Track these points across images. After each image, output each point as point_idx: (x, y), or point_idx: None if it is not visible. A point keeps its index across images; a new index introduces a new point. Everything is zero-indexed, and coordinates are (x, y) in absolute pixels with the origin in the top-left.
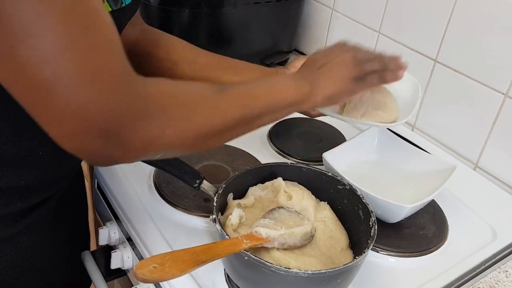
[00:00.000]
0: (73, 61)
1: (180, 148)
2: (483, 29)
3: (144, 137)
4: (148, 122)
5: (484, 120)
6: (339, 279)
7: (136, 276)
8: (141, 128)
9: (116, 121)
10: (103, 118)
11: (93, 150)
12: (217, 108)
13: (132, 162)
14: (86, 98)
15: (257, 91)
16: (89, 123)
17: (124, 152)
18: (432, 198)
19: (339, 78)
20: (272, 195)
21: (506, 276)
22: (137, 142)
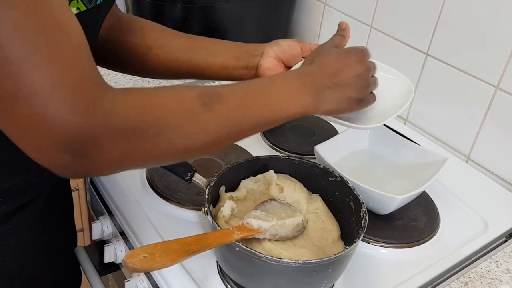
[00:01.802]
0: (36, 70)
1: (156, 163)
2: (473, 22)
3: (112, 153)
4: (116, 138)
5: (475, 113)
6: (330, 269)
7: (127, 265)
8: (108, 143)
9: (80, 137)
10: (67, 133)
11: (60, 164)
12: (199, 124)
13: (104, 175)
14: (50, 110)
15: (253, 102)
16: (53, 138)
17: (92, 168)
18: (423, 190)
19: (346, 98)
20: (264, 188)
21: (497, 266)
22: (105, 157)
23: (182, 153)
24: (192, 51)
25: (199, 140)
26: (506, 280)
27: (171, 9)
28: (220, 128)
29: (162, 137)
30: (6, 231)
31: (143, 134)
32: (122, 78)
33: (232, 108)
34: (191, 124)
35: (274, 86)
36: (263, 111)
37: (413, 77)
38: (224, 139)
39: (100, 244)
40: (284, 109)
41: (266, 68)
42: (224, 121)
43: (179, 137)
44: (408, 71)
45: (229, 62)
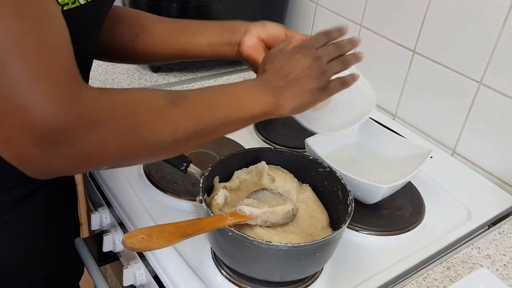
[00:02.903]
0: (20, 57)
1: (128, 159)
2: (458, 20)
3: (84, 147)
4: (89, 131)
5: (460, 108)
6: (318, 252)
7: (125, 244)
8: (80, 137)
9: (53, 126)
10: (42, 123)
11: (28, 158)
12: (168, 119)
13: (73, 174)
14: (29, 98)
15: (217, 100)
16: (27, 127)
17: (62, 162)
18: (409, 180)
19: (305, 90)
20: (257, 178)
21: (478, 252)
22: (76, 151)
23: (154, 149)
24: (178, 33)
25: (169, 135)
26: (486, 265)
27: (167, 8)
28: (188, 123)
29: (133, 132)
30: (17, 216)
31: (115, 128)
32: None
33: (197, 106)
34: (160, 119)
35: (236, 88)
36: (227, 109)
37: (401, 74)
38: (193, 135)
39: (99, 235)
40: (247, 107)
41: (248, 45)
42: (191, 117)
43: (149, 132)
44: (396, 68)
45: (214, 40)
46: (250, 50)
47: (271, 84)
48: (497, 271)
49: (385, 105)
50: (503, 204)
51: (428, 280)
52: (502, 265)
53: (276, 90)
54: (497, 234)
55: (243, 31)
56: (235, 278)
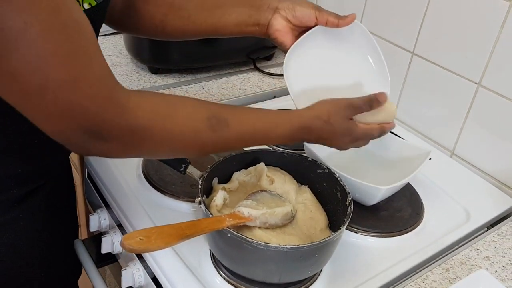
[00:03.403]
0: (59, 67)
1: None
2: (457, 22)
3: (120, 144)
4: (124, 134)
5: (459, 109)
6: (317, 254)
7: (124, 246)
8: (117, 136)
9: (97, 124)
10: (87, 120)
11: (82, 144)
12: (201, 144)
13: (122, 157)
14: (73, 101)
15: (253, 137)
16: (76, 123)
17: (105, 149)
18: (407, 182)
19: (337, 146)
20: (255, 180)
21: (477, 253)
22: (114, 145)
23: (176, 156)
24: (206, 12)
25: (194, 153)
26: (485, 267)
27: None
28: (216, 150)
29: (165, 144)
30: (18, 215)
31: (149, 137)
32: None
33: (233, 138)
34: (193, 141)
35: (277, 132)
36: (253, 145)
37: (400, 76)
38: (213, 153)
39: (98, 236)
40: (276, 140)
41: (276, 29)
42: (221, 146)
43: (179, 148)
44: (395, 70)
45: (242, 20)
46: (278, 33)
47: (307, 140)
48: (496, 272)
49: None
50: (502, 206)
51: (427, 281)
52: (501, 267)
53: (312, 137)
54: (496, 236)
55: (272, 11)
56: (234, 279)
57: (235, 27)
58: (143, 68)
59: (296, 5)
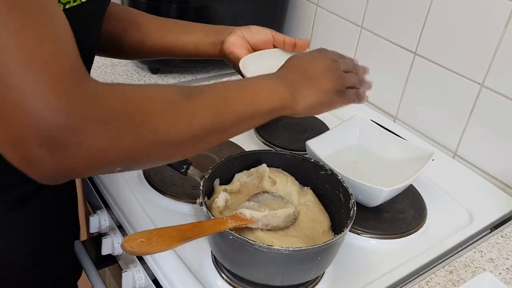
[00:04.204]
0: (17, 50)
1: (141, 159)
2: (460, 22)
3: (93, 145)
4: (98, 127)
5: (461, 110)
6: (320, 256)
7: (124, 248)
8: (88, 134)
9: (58, 124)
10: (47, 121)
11: (33, 161)
12: (183, 114)
13: (82, 177)
14: (27, 92)
15: (233, 94)
16: (31, 127)
17: (70, 164)
18: (410, 183)
19: (322, 89)
20: (257, 181)
21: (481, 256)
22: (85, 150)
23: (169, 146)
24: (164, 30)
25: (184, 130)
26: (489, 269)
27: (166, 9)
28: (204, 118)
29: (146, 127)
30: (18, 216)
31: (128, 123)
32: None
33: (213, 100)
34: (174, 113)
35: (252, 82)
36: (244, 103)
37: (402, 76)
38: (210, 131)
39: (97, 238)
40: (264, 100)
41: (231, 43)
42: (207, 111)
43: (163, 126)
44: (397, 70)
45: (199, 39)
46: (232, 46)
47: (288, 79)
48: (500, 275)
49: (386, 107)
50: (506, 207)
51: (430, 284)
52: (505, 269)
53: (293, 85)
54: (500, 238)
55: (228, 32)
56: (236, 282)
57: (191, 45)
58: (143, 68)
59: (252, 26)
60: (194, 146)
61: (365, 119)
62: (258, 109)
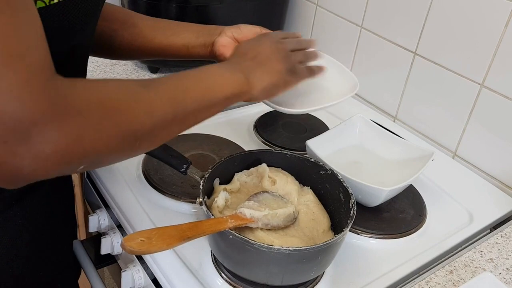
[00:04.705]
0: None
1: (106, 153)
2: (460, 22)
3: (58, 141)
4: (62, 123)
5: (461, 110)
6: (320, 256)
7: (124, 247)
8: (53, 130)
9: (23, 119)
10: (8, 114)
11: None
12: (144, 104)
13: (46, 177)
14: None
15: (190, 83)
16: None
17: (35, 162)
18: (410, 183)
19: (274, 70)
20: (257, 181)
21: (481, 256)
22: (50, 147)
23: (132, 138)
24: (155, 31)
25: (147, 120)
26: (489, 269)
27: (166, 8)
28: (164, 107)
29: (108, 120)
30: (16, 213)
31: (89, 117)
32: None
33: (171, 90)
34: (135, 104)
35: (207, 71)
36: (201, 91)
37: (402, 76)
38: (171, 120)
39: (97, 237)
40: (220, 87)
41: (221, 44)
42: (167, 101)
43: (125, 118)
44: (397, 70)
45: (189, 40)
46: (223, 48)
47: (240, 65)
48: (500, 275)
49: (386, 107)
50: (505, 207)
51: (430, 284)
52: (505, 269)
53: (246, 70)
54: (500, 238)
55: (218, 32)
56: (235, 281)
57: (182, 47)
58: (142, 67)
59: (242, 25)
60: (156, 136)
61: (365, 119)
62: (216, 96)
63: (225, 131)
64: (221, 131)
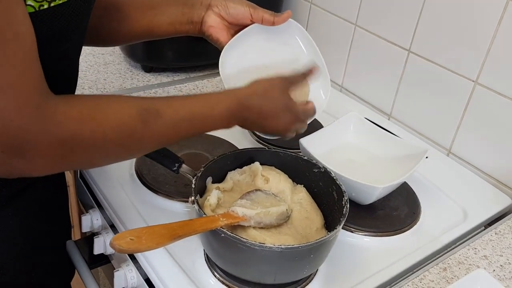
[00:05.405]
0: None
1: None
2: (453, 19)
3: (47, 159)
4: (53, 146)
5: (455, 107)
6: (312, 254)
7: (113, 246)
8: (44, 150)
9: (19, 139)
10: (8, 133)
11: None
12: (136, 141)
13: (42, 174)
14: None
15: (187, 124)
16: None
17: (27, 168)
18: (404, 180)
19: (272, 128)
20: (250, 179)
21: (474, 253)
22: (40, 162)
23: (116, 159)
24: (140, 13)
25: (135, 152)
26: (483, 266)
27: None
28: (154, 144)
29: (99, 150)
30: (7, 214)
31: (81, 145)
32: (111, 76)
33: (168, 127)
34: (128, 140)
35: (210, 114)
36: (192, 132)
37: (396, 74)
38: (152, 150)
39: (90, 237)
40: (213, 128)
41: (210, 25)
42: (158, 138)
43: (116, 151)
44: (391, 68)
45: (175, 18)
46: (212, 29)
47: (242, 116)
48: (494, 272)
49: (380, 105)
50: (499, 205)
51: (424, 281)
52: (498, 266)
53: (245, 122)
54: (494, 235)
55: (205, 8)
56: (228, 280)
57: (169, 26)
58: (136, 66)
59: (229, 2)
60: (137, 156)
61: (359, 116)
62: (203, 132)
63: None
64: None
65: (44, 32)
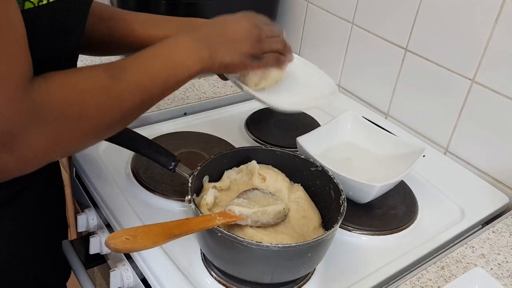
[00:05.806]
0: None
1: (82, 146)
2: (450, 18)
3: (39, 145)
4: (41, 130)
5: (453, 106)
6: (310, 253)
7: (109, 245)
8: (33, 138)
9: (6, 128)
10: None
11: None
12: (115, 99)
13: (31, 170)
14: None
15: (157, 66)
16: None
17: (18, 163)
18: (401, 179)
19: (238, 52)
20: (247, 178)
21: (472, 251)
22: (32, 151)
23: (105, 129)
24: (134, 25)
25: (118, 112)
26: (481, 264)
27: (156, 5)
28: (133, 95)
29: (84, 119)
30: (5, 216)
31: (66, 121)
32: None
33: (137, 76)
34: (107, 100)
35: (171, 49)
36: (166, 73)
37: (393, 72)
38: (139, 106)
39: (86, 237)
40: (184, 66)
41: None
42: (135, 89)
43: (98, 114)
44: (388, 66)
45: (170, 33)
46: None
47: (209, 40)
48: (491, 270)
49: (377, 104)
50: (497, 203)
51: (422, 280)
52: (496, 264)
53: (213, 47)
54: (491, 233)
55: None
56: (225, 279)
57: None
58: None
59: None
60: (125, 121)
61: (356, 115)
62: (181, 76)
63: (216, 129)
64: (212, 129)
65: (43, 28)
